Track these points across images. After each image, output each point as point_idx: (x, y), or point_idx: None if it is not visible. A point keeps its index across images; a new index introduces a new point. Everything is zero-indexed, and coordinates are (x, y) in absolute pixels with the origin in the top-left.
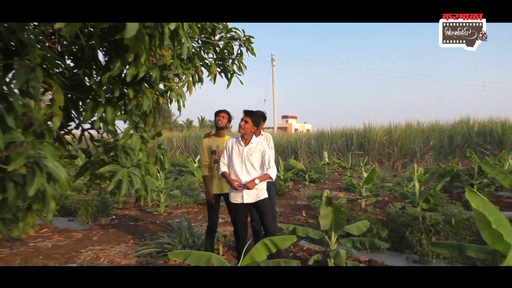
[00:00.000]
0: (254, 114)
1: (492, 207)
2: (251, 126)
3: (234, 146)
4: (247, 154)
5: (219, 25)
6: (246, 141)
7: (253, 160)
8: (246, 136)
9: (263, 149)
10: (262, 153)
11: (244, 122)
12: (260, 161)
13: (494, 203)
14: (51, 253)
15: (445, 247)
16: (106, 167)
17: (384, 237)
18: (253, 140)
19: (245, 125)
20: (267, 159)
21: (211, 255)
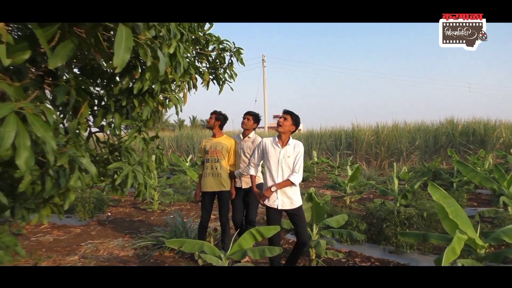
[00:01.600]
0: (294, 113)
1: (451, 200)
2: (289, 124)
3: (269, 147)
4: (284, 156)
5: (212, 37)
6: (283, 142)
7: (290, 163)
8: (284, 136)
9: (298, 151)
10: (297, 156)
11: (283, 119)
12: (294, 162)
13: (472, 200)
14: (53, 246)
15: (412, 236)
16: (114, 164)
17: (363, 230)
18: (290, 141)
19: (284, 122)
20: (298, 164)
21: (203, 243)
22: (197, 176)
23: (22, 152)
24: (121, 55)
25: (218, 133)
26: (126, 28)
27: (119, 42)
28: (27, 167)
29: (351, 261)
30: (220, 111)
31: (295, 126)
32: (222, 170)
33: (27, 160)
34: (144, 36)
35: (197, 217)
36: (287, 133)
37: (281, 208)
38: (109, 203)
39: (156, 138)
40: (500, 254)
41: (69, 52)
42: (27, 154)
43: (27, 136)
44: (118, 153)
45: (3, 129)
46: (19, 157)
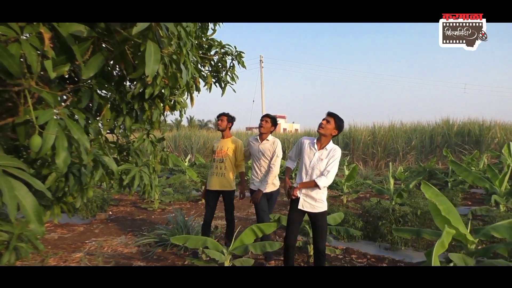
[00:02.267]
0: (339, 117)
1: (443, 198)
2: (332, 128)
3: (306, 147)
4: (318, 159)
5: (214, 42)
6: (321, 145)
7: (322, 167)
8: (324, 139)
9: (333, 155)
10: (330, 159)
11: (325, 121)
12: (326, 166)
13: (467, 199)
14: (59, 244)
15: (406, 232)
16: (123, 165)
17: (360, 227)
18: (328, 146)
19: (327, 125)
20: (329, 167)
21: (207, 239)
22: (196, 175)
23: (61, 152)
24: (151, 66)
25: (227, 135)
26: (154, 44)
27: (149, 55)
28: (65, 165)
29: (347, 257)
30: (229, 113)
31: (337, 131)
32: (226, 170)
33: (65, 159)
34: (167, 50)
35: (198, 215)
36: (328, 136)
37: (302, 208)
38: (111, 203)
39: (162, 140)
40: (489, 249)
41: (99, 64)
42: (65, 154)
43: (65, 138)
44: (126, 153)
45: (46, 132)
46: (58, 157)
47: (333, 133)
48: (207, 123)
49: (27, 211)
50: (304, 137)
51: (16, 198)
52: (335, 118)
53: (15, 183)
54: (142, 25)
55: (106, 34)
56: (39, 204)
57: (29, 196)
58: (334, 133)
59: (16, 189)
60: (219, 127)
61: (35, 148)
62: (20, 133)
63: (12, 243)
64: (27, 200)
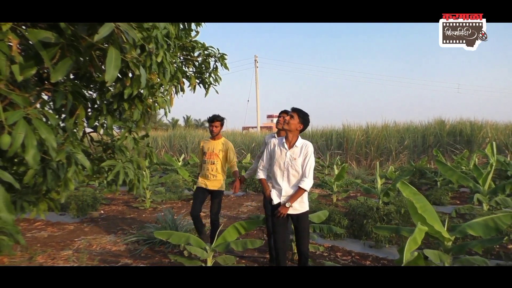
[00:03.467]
0: (302, 111)
1: (420, 196)
2: (296, 123)
3: (276, 148)
4: (290, 159)
5: (197, 44)
6: (290, 143)
7: (297, 166)
8: (291, 136)
9: (306, 152)
10: (304, 158)
11: (289, 117)
12: (303, 166)
13: (456, 198)
14: (48, 242)
15: (385, 230)
16: (107, 162)
17: (345, 225)
18: (298, 142)
19: (290, 121)
20: (307, 167)
21: (189, 235)
22: (188, 175)
23: (30, 150)
24: (111, 72)
25: (218, 137)
26: (115, 50)
27: (110, 61)
28: (35, 161)
29: (332, 255)
30: (219, 115)
31: (303, 125)
32: (217, 172)
33: (34, 156)
34: (130, 55)
35: (187, 214)
36: (294, 132)
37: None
38: (102, 201)
39: (146, 137)
40: (464, 246)
41: (68, 68)
42: (34, 151)
43: (33, 137)
44: (111, 151)
45: (15, 132)
46: (27, 154)
47: (299, 127)
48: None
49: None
50: (267, 137)
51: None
52: (298, 113)
53: None
54: (103, 32)
55: (73, 40)
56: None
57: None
58: (299, 128)
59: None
60: (213, 133)
61: (4, 146)
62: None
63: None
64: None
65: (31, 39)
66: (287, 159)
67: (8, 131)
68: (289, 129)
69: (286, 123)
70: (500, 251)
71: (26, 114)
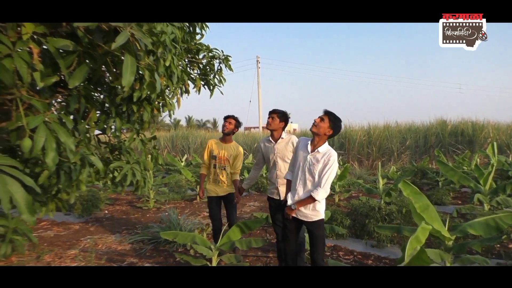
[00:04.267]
0: (334, 115)
1: (421, 196)
2: (326, 127)
3: (300, 148)
4: (311, 162)
5: (202, 46)
6: (314, 146)
7: (315, 172)
8: (317, 139)
9: (328, 160)
10: (325, 166)
11: (319, 119)
12: (321, 174)
13: (457, 198)
14: (54, 241)
15: (387, 229)
16: (115, 163)
17: (348, 225)
18: (321, 148)
19: (320, 123)
20: (325, 176)
21: (195, 235)
22: (191, 175)
23: (49, 153)
24: (128, 78)
25: (229, 140)
26: (131, 57)
27: (126, 67)
28: (54, 163)
29: (335, 254)
30: (237, 117)
31: (332, 130)
32: (228, 177)
33: (54, 158)
34: (144, 62)
35: (191, 214)
36: (322, 136)
37: (295, 216)
38: (106, 202)
39: (153, 139)
40: (464, 245)
41: (85, 74)
42: (53, 154)
43: (53, 140)
44: (118, 152)
45: (36, 136)
46: (47, 157)
47: (327, 132)
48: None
49: (19, 203)
50: (300, 138)
51: (9, 193)
52: (329, 116)
53: (8, 179)
54: (120, 41)
55: (90, 47)
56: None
57: (21, 190)
58: (328, 133)
59: (9, 184)
60: (225, 129)
61: (25, 149)
62: (12, 136)
63: (8, 236)
64: (19, 194)
65: (50, 48)
66: (307, 162)
67: (29, 135)
68: (317, 132)
69: (314, 126)
70: (500, 250)
71: (45, 119)
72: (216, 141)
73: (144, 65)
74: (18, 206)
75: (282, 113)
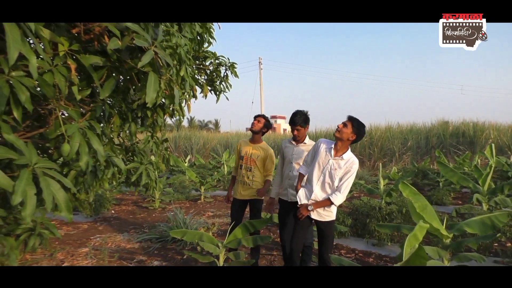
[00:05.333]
0: (358, 121)
1: (420, 196)
2: (349, 132)
3: (322, 150)
4: (332, 167)
5: (209, 53)
6: (337, 151)
7: (334, 177)
8: (340, 144)
9: (350, 169)
10: (346, 173)
11: (342, 125)
12: (341, 180)
13: (458, 199)
14: (65, 240)
15: (387, 228)
16: (131, 164)
17: (349, 224)
18: (345, 155)
19: (343, 129)
20: (345, 183)
21: (202, 233)
22: (195, 176)
23: (83, 157)
24: (151, 95)
25: (258, 140)
26: (154, 75)
27: (150, 85)
28: (86, 166)
29: (337, 252)
30: (268, 117)
31: (356, 136)
32: (254, 179)
33: (87, 161)
34: (165, 77)
35: (196, 214)
36: (345, 141)
37: (309, 214)
38: (113, 202)
39: (165, 141)
40: (461, 243)
41: (112, 86)
42: (86, 158)
43: (86, 145)
44: (131, 154)
45: (72, 141)
46: (82, 160)
47: (351, 138)
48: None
49: (59, 202)
50: (322, 139)
51: (52, 194)
52: (353, 122)
53: (51, 181)
54: (145, 59)
55: (118, 63)
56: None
57: (62, 191)
58: (352, 138)
59: (51, 186)
60: (253, 127)
61: (65, 153)
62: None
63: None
64: (60, 194)
65: (84, 63)
66: (328, 166)
67: (67, 141)
68: (340, 137)
69: (338, 131)
70: (497, 249)
71: (80, 126)
72: (245, 141)
73: (166, 80)
74: (58, 205)
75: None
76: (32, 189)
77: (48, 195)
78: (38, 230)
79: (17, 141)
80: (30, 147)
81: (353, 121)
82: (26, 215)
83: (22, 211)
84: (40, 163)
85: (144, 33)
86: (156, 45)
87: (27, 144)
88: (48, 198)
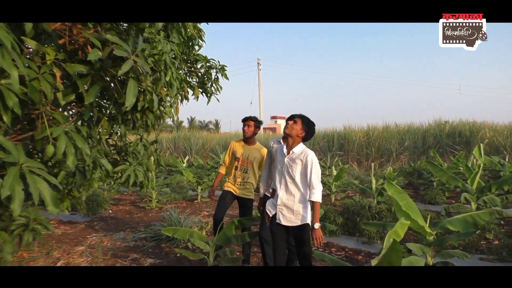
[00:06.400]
0: (307, 118)
1: (404, 195)
2: (299, 129)
3: (278, 153)
4: (288, 165)
5: (200, 57)
6: (289, 148)
7: (294, 174)
8: (290, 141)
9: (306, 161)
10: (305, 167)
11: (292, 122)
12: (303, 176)
13: (452, 198)
14: (62, 239)
15: (373, 226)
16: (119, 167)
17: (340, 223)
18: (296, 149)
19: (293, 125)
20: (312, 177)
21: (193, 231)
22: (192, 176)
23: (70, 157)
24: (130, 100)
25: (252, 141)
26: (134, 82)
27: (129, 91)
28: (73, 165)
29: (327, 250)
30: (256, 117)
31: (305, 132)
32: (249, 180)
33: (73, 161)
34: (145, 83)
35: (191, 213)
36: (295, 137)
37: (279, 222)
38: (110, 202)
39: (155, 143)
40: (443, 240)
41: (97, 92)
42: (72, 157)
43: (71, 146)
44: (124, 154)
45: (58, 143)
46: (68, 160)
47: (300, 134)
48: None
49: (46, 198)
50: (272, 140)
51: (39, 189)
52: (303, 119)
53: (37, 179)
54: (125, 68)
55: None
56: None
57: (48, 188)
58: (301, 135)
59: (38, 183)
60: (246, 134)
61: (49, 154)
62: (38, 144)
63: (30, 224)
64: (46, 191)
65: (69, 71)
66: (285, 165)
67: (52, 142)
68: (290, 133)
69: (287, 127)
70: (484, 247)
71: (65, 129)
72: (240, 142)
73: (145, 86)
74: (45, 200)
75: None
76: (19, 184)
77: (34, 190)
78: (32, 226)
79: (5, 142)
80: (19, 148)
81: (303, 118)
82: (15, 207)
83: (11, 204)
84: (28, 163)
85: (123, 43)
86: (138, 54)
87: (17, 145)
88: (35, 192)
